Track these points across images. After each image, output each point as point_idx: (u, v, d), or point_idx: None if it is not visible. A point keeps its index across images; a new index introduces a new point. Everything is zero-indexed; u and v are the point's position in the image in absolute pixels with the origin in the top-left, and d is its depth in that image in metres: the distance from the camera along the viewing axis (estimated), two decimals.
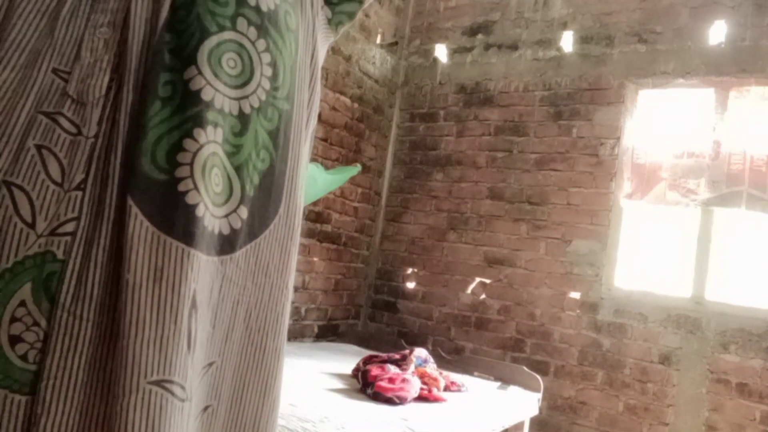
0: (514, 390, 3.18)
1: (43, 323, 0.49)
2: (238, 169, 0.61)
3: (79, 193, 0.51)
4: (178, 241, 0.55)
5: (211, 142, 0.58)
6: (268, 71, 0.63)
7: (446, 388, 2.81)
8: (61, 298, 0.49)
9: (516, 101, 3.92)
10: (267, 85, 0.63)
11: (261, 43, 0.62)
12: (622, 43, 3.60)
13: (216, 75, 0.58)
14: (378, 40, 4.24)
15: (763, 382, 3.00)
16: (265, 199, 0.64)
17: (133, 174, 0.53)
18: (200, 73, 0.57)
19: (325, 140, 3.79)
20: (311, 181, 2.54)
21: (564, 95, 3.75)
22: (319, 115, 3.72)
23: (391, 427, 2.17)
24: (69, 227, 0.51)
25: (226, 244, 0.61)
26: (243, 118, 0.61)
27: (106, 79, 0.55)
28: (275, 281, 0.68)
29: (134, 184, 0.54)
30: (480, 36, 4.13)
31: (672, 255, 3.46)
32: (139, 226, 0.53)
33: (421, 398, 2.59)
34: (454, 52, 4.21)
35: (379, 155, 4.31)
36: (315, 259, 3.82)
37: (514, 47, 3.98)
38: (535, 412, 3.19)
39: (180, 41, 0.57)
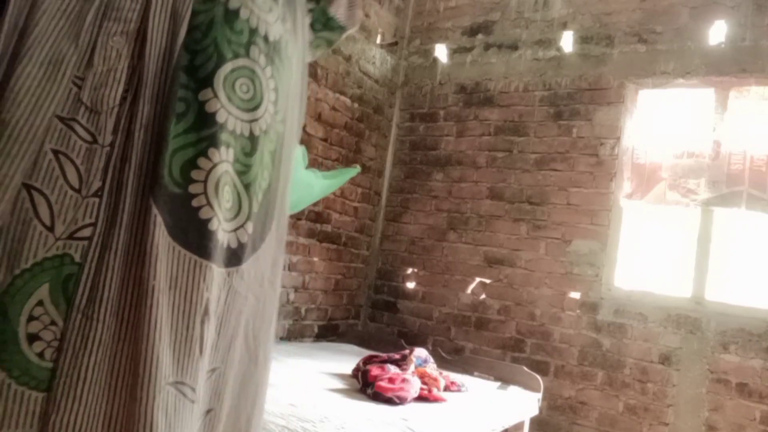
0: (514, 390, 3.18)
1: (60, 323, 0.50)
2: (247, 187, 0.64)
3: (97, 200, 0.53)
4: (191, 253, 0.58)
5: (223, 162, 0.61)
6: (273, 96, 0.66)
7: (446, 388, 2.81)
8: (76, 299, 0.50)
9: (516, 101, 3.92)
10: (271, 109, 0.66)
11: (268, 70, 0.65)
12: (622, 43, 3.60)
13: (230, 99, 0.61)
14: (378, 40, 4.24)
15: (763, 382, 3.00)
16: (263, 215, 0.67)
17: (157, 184, 0.55)
18: (216, 96, 0.59)
19: (325, 140, 3.79)
20: (307, 188, 2.54)
21: (564, 95, 3.75)
22: (319, 115, 3.72)
23: (391, 427, 2.17)
24: (86, 232, 0.52)
25: (234, 257, 0.64)
26: (253, 140, 0.64)
27: (120, 89, 0.56)
28: (267, 291, 0.71)
29: (157, 194, 0.55)
30: (480, 36, 4.13)
31: (672, 255, 3.46)
32: (161, 235, 0.55)
33: (421, 398, 2.59)
34: (454, 52, 4.21)
35: (379, 155, 4.31)
36: (315, 259, 3.82)
37: (514, 47, 3.98)
38: (535, 412, 3.19)
39: (194, 61, 0.59)
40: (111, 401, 0.50)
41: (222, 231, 0.61)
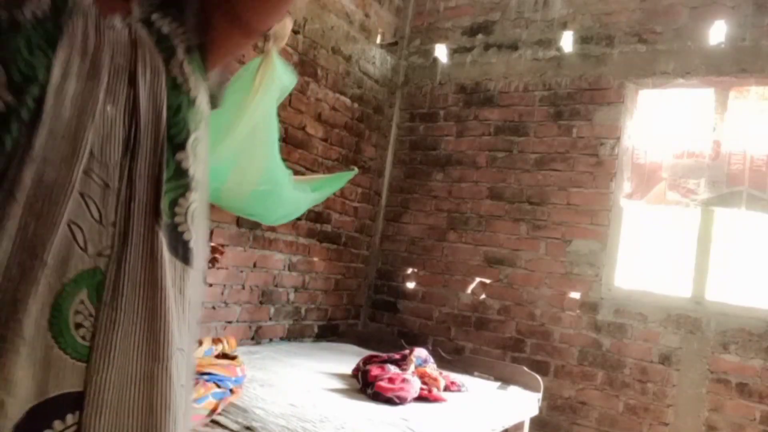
0: (514, 390, 3.18)
1: (94, 314, 0.73)
2: (201, 215, 0.91)
3: (113, 229, 0.75)
4: (181, 262, 0.84)
5: (194, 201, 0.87)
6: (205, 153, 0.92)
7: (446, 388, 2.82)
8: (103, 297, 0.73)
9: (516, 101, 3.92)
10: (206, 161, 0.92)
11: (206, 137, 0.92)
12: (622, 43, 3.60)
13: (195, 158, 0.88)
14: (378, 40, 4.24)
15: (763, 382, 3.00)
16: (199, 232, 0.92)
17: (159, 216, 0.80)
18: (188, 157, 0.86)
19: (325, 140, 3.79)
20: (294, 203, 2.77)
21: (564, 95, 3.75)
22: (319, 115, 3.73)
23: (391, 427, 2.17)
24: (107, 251, 0.75)
25: (194, 263, 0.90)
26: (204, 184, 0.91)
27: (120, 148, 0.79)
28: (200, 289, 0.95)
29: (160, 223, 0.81)
30: (480, 36, 4.13)
31: (672, 255, 3.46)
32: (165, 252, 0.80)
33: (421, 398, 2.59)
34: (454, 52, 4.21)
35: (379, 155, 4.31)
36: (315, 259, 3.82)
37: (514, 47, 3.98)
38: (535, 412, 3.19)
39: (170, 132, 0.85)
40: (133, 363, 0.74)
41: (194, 245, 0.87)
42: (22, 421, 0.65)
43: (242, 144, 2.24)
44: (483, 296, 3.84)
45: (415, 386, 2.59)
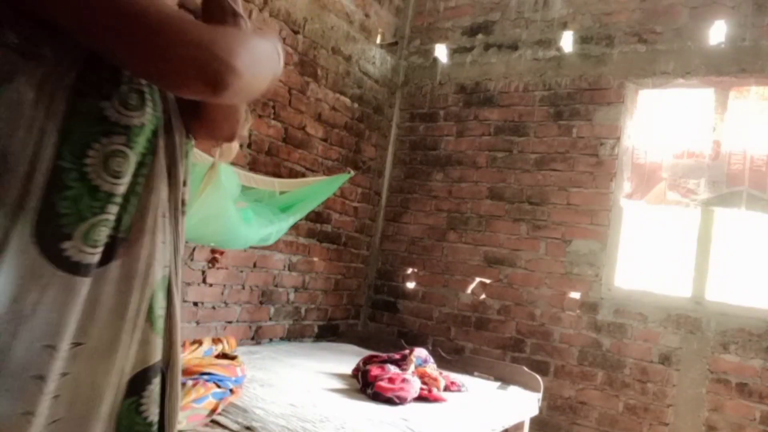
0: (514, 390, 3.18)
1: (166, 305, 1.01)
2: None
3: (171, 246, 1.00)
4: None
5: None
6: None
7: (446, 388, 2.82)
8: (168, 295, 1.00)
9: (516, 101, 3.92)
10: None
11: None
12: (622, 43, 3.60)
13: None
14: (378, 40, 4.24)
15: (763, 382, 3.00)
16: None
17: (181, 240, 1.05)
18: (187, 191, 1.08)
19: (325, 140, 3.79)
20: (267, 235, 2.85)
21: (564, 95, 3.75)
22: (319, 115, 3.72)
23: (391, 427, 2.17)
24: (169, 263, 1.00)
25: None
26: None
27: (166, 184, 1.01)
28: None
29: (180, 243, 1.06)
30: (480, 36, 4.13)
31: (672, 255, 3.46)
32: (185, 261, 1.11)
33: (421, 398, 2.59)
34: (454, 52, 4.21)
35: (379, 155, 4.31)
36: (315, 259, 3.82)
37: (514, 47, 3.98)
38: (535, 412, 3.19)
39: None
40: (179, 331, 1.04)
41: None
42: (134, 378, 0.94)
43: (196, 224, 2.37)
44: (483, 296, 3.84)
45: (415, 386, 2.59)
